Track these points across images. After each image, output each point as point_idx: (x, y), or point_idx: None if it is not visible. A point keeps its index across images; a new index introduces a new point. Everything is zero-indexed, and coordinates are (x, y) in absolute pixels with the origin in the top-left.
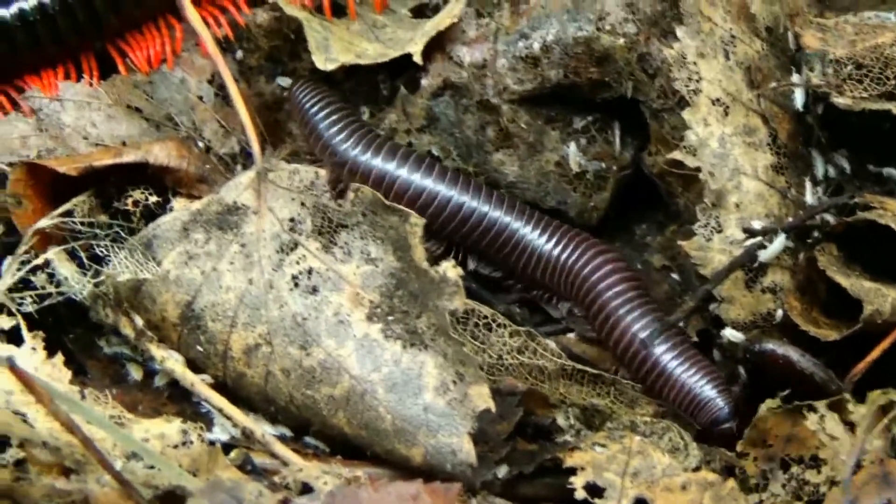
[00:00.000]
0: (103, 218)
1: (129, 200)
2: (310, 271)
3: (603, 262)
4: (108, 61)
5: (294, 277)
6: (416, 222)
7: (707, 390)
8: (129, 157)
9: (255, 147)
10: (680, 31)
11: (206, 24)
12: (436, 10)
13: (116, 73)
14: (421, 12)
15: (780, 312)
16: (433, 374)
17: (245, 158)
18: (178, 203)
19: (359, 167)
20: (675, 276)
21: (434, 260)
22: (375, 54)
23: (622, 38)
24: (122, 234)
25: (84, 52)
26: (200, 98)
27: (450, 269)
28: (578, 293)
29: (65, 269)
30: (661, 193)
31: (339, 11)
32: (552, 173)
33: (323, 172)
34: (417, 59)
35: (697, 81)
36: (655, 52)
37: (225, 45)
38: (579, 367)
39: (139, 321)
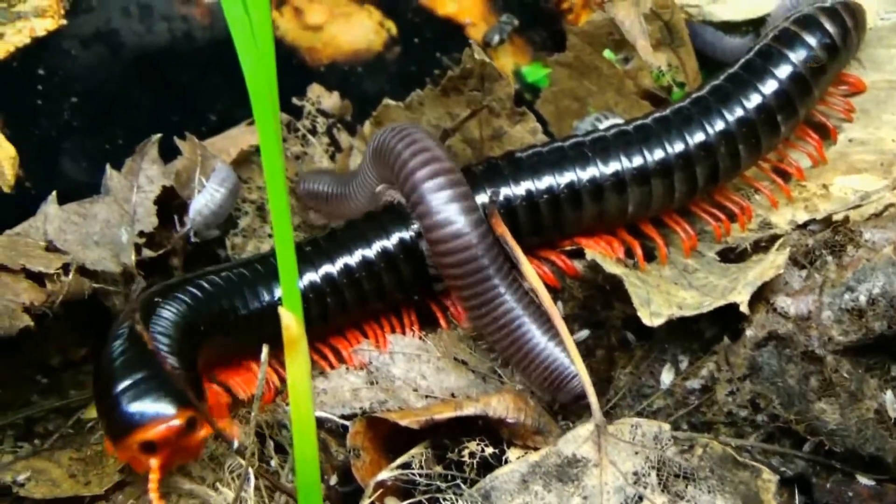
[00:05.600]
0: (438, 469)
1: (466, 452)
2: None
3: None
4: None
5: None
6: (769, 478)
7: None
8: (468, 410)
9: (593, 400)
10: None
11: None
12: (742, 254)
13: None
14: (725, 255)
15: None
16: None
17: (563, 409)
18: (513, 454)
19: None
20: None
21: None
22: (695, 304)
23: None
24: (461, 486)
25: (406, 305)
26: None
27: None
28: None
29: None
30: None
31: (647, 255)
32: (871, 420)
33: (666, 426)
34: (744, 309)
35: None
36: None
37: None
38: None
39: None
